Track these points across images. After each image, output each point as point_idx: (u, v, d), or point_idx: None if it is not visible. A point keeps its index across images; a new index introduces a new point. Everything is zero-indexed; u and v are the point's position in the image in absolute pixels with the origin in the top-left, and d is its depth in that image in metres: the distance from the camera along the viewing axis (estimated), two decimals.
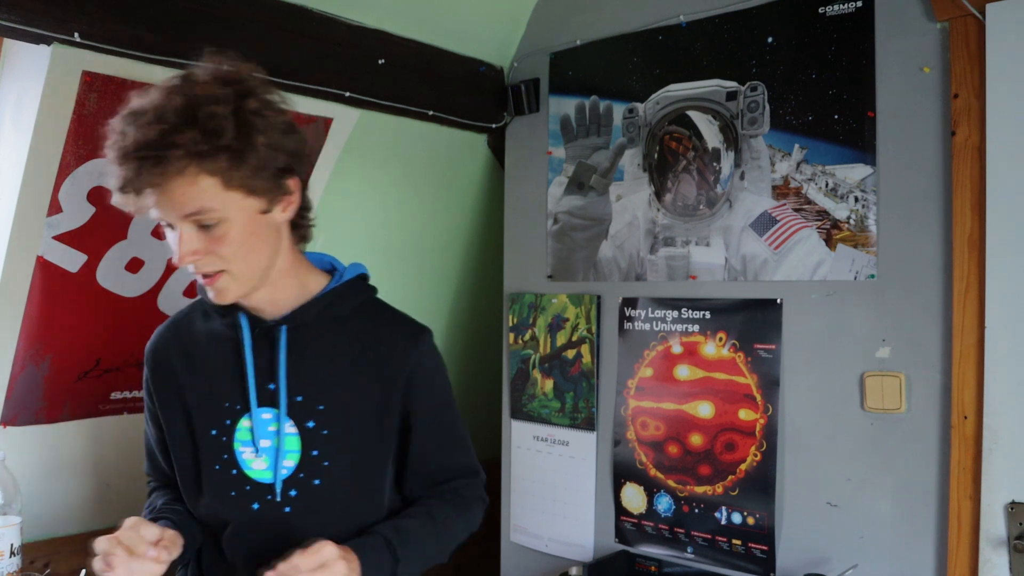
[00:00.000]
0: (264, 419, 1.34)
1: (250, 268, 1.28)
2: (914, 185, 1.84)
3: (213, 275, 1.25)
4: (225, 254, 1.23)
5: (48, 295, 1.86)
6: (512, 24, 2.52)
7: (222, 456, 1.35)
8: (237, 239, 1.23)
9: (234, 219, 1.22)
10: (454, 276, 2.86)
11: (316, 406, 1.34)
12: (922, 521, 1.81)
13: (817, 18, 1.97)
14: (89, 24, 1.67)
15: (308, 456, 1.33)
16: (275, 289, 1.34)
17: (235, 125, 1.18)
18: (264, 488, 1.34)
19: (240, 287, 1.28)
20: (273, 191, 1.26)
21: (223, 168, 1.19)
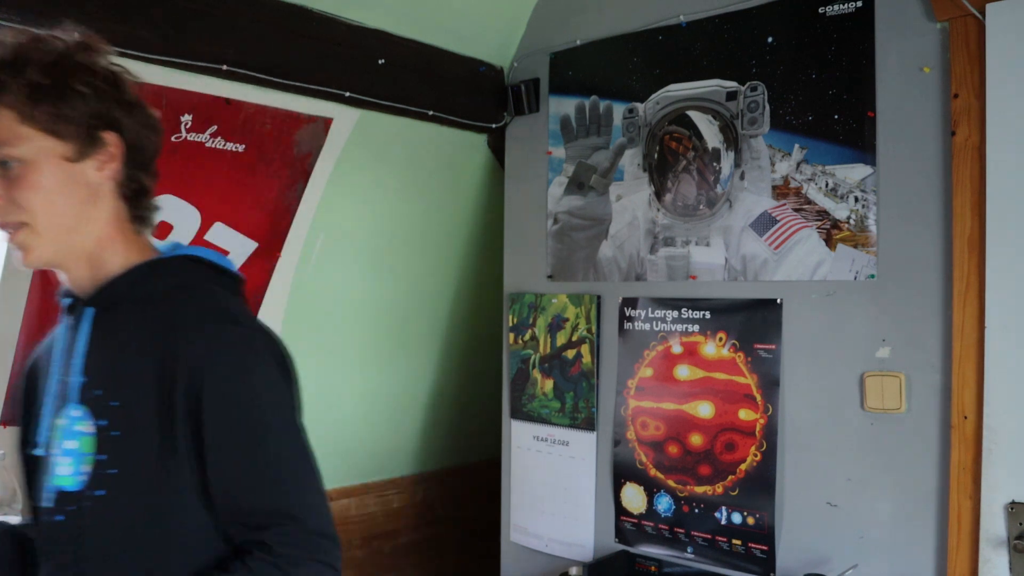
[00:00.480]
0: (74, 416, 1.12)
1: (54, 224, 1.11)
2: (914, 185, 1.84)
3: (15, 229, 1.11)
4: (25, 201, 1.09)
5: (48, 295, 1.86)
6: (512, 24, 2.52)
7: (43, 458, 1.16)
8: (36, 184, 1.10)
9: (33, 161, 1.10)
10: (454, 276, 2.86)
11: (110, 402, 1.11)
12: (922, 521, 1.81)
13: (817, 18, 1.97)
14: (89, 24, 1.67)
15: (99, 462, 1.10)
16: (97, 265, 1.16)
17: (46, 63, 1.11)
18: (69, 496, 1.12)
19: (45, 247, 1.12)
20: (83, 139, 1.12)
21: (20, 100, 1.09)
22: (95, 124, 1.13)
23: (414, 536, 2.93)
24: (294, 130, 2.12)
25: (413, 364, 2.87)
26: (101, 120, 1.13)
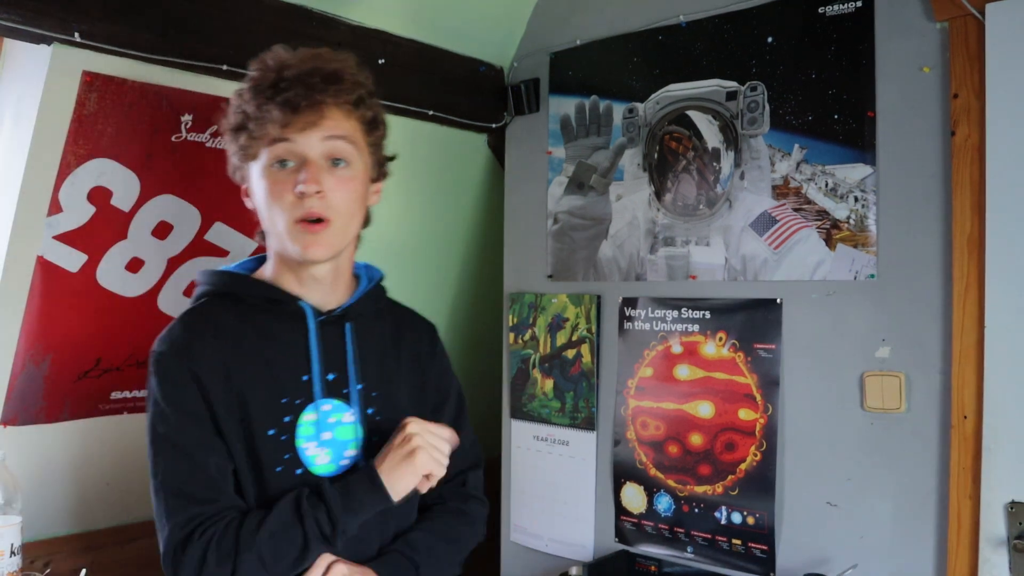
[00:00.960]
0: (325, 411, 1.34)
1: (347, 228, 1.34)
2: (914, 185, 1.85)
3: (320, 222, 1.28)
4: (338, 202, 1.29)
5: (48, 295, 1.86)
6: (512, 24, 2.52)
7: (283, 456, 1.30)
8: (352, 190, 1.32)
9: (356, 170, 1.33)
10: (454, 276, 2.86)
11: (372, 393, 1.38)
12: (922, 521, 1.81)
13: (817, 18, 1.97)
14: (89, 24, 1.67)
15: (370, 442, 1.36)
16: (337, 277, 1.39)
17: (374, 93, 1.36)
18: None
19: (333, 246, 1.32)
20: (378, 169, 1.39)
21: (366, 120, 1.34)
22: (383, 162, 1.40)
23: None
24: None
25: None
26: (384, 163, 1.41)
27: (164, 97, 1.86)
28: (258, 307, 1.35)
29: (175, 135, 1.92)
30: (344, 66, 1.32)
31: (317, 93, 1.26)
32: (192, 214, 2.03)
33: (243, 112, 1.30)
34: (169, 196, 1.97)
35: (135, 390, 2.10)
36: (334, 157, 1.30)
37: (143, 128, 1.86)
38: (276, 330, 1.35)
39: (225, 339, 1.32)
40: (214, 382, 1.29)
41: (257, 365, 1.32)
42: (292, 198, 1.27)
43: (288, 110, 1.25)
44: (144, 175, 1.91)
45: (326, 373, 1.35)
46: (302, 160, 1.28)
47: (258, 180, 1.32)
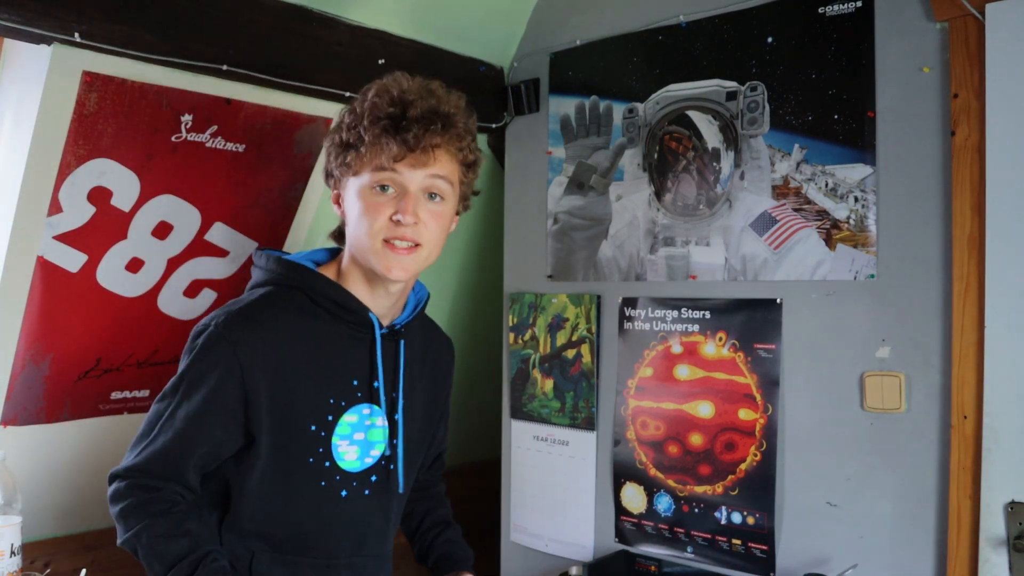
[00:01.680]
0: (364, 414, 1.46)
1: (431, 256, 1.43)
2: (914, 185, 1.85)
3: (410, 248, 1.38)
4: (429, 232, 1.39)
5: (48, 295, 1.86)
6: (512, 24, 2.52)
7: (317, 450, 1.41)
8: (442, 223, 1.42)
9: (448, 205, 1.44)
10: (454, 276, 2.86)
11: (402, 400, 1.51)
12: (922, 521, 1.82)
13: (817, 18, 1.97)
14: (89, 24, 1.67)
15: (391, 444, 1.48)
16: (403, 295, 1.50)
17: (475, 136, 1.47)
18: (351, 476, 1.45)
19: (418, 268, 1.42)
20: (464, 203, 1.51)
21: (466, 162, 1.44)
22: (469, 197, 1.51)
23: None
24: (294, 130, 2.12)
25: None
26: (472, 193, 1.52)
27: (164, 97, 1.86)
28: (324, 307, 1.43)
29: (175, 135, 1.92)
30: (459, 111, 1.42)
31: (434, 136, 1.36)
32: (192, 214, 2.03)
33: (358, 133, 1.38)
34: (169, 196, 1.97)
35: (135, 390, 2.10)
36: (431, 192, 1.40)
37: (143, 128, 1.86)
38: (338, 333, 1.44)
39: (286, 334, 1.40)
40: (261, 377, 1.36)
41: (313, 364, 1.41)
42: (387, 221, 1.37)
43: (405, 148, 1.35)
44: (144, 175, 1.91)
45: (372, 381, 1.46)
46: (403, 190, 1.37)
47: (354, 196, 1.40)
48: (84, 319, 1.95)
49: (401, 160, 1.35)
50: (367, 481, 1.47)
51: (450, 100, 1.41)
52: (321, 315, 1.42)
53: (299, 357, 1.40)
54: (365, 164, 1.37)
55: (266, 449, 1.39)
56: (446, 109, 1.39)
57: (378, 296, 1.45)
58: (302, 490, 1.42)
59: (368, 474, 1.47)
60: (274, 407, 1.38)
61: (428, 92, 1.40)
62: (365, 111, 1.38)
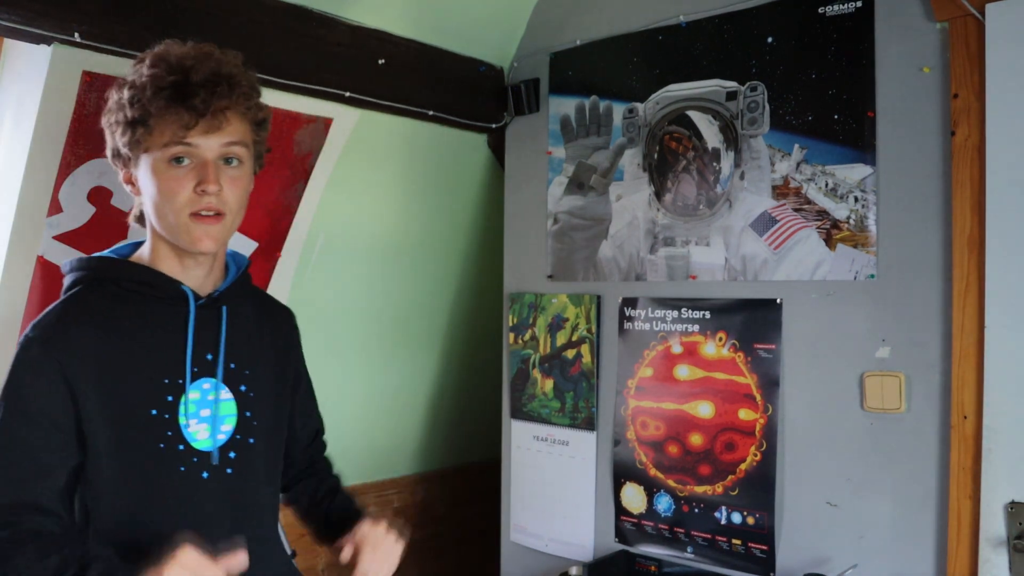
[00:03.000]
0: (204, 389, 1.40)
1: (236, 221, 1.39)
2: (914, 185, 1.85)
3: (215, 216, 1.34)
4: (231, 198, 1.35)
5: (48, 295, 1.86)
6: (512, 24, 2.52)
7: (166, 433, 1.34)
8: (243, 186, 1.38)
9: (246, 168, 1.39)
10: (454, 276, 2.86)
11: (244, 371, 1.45)
12: (922, 521, 1.82)
13: (817, 18, 1.97)
14: (89, 24, 1.67)
15: (243, 417, 1.43)
16: (216, 262, 1.44)
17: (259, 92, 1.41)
18: (207, 456, 1.39)
19: (225, 236, 1.38)
20: (259, 162, 1.45)
21: (256, 120, 1.40)
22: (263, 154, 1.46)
23: (414, 536, 2.90)
24: (294, 130, 2.12)
25: (413, 364, 2.87)
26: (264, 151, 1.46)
27: None
28: (135, 291, 1.38)
29: None
30: (240, 71, 1.37)
31: (222, 99, 1.32)
32: None
33: (142, 107, 1.31)
34: None
35: None
36: (228, 156, 1.36)
37: None
38: (155, 313, 1.38)
39: (100, 326, 1.34)
40: (84, 372, 1.30)
41: (135, 349, 1.35)
42: (190, 194, 1.32)
43: (194, 115, 1.30)
44: None
45: (204, 353, 1.41)
46: (200, 160, 1.33)
47: (148, 173, 1.34)
48: None
49: (193, 127, 1.30)
50: (226, 459, 1.40)
51: (229, 60, 1.36)
52: (134, 299, 1.38)
53: (121, 346, 1.34)
54: (155, 138, 1.31)
55: (109, 445, 1.31)
56: (228, 70, 1.33)
57: (189, 269, 1.40)
58: (160, 478, 1.34)
59: (225, 451, 1.40)
60: (107, 400, 1.31)
61: (206, 55, 1.34)
62: (145, 83, 1.31)
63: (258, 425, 1.45)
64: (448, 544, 3.06)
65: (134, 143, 1.33)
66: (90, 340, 1.32)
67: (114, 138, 1.37)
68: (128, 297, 1.38)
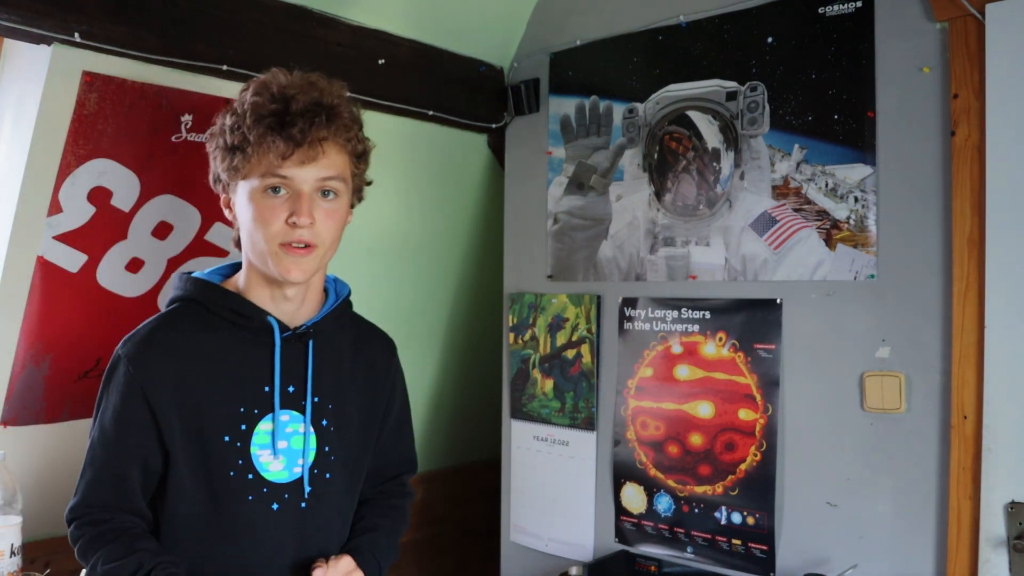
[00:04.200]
0: (283, 421, 1.40)
1: (328, 254, 1.40)
2: (914, 185, 1.85)
3: (306, 248, 1.34)
4: (325, 231, 1.35)
5: (48, 295, 1.86)
6: (512, 24, 2.52)
7: (237, 462, 1.36)
8: (338, 220, 1.39)
9: (343, 201, 1.40)
10: (454, 276, 2.86)
11: (327, 405, 1.44)
12: (922, 521, 1.82)
13: (817, 18, 1.97)
14: (89, 24, 1.67)
15: (322, 452, 1.43)
16: (308, 294, 1.44)
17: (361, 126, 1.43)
18: (281, 488, 1.39)
19: (315, 268, 1.38)
20: (358, 195, 1.47)
21: (355, 153, 1.41)
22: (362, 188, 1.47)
23: (414, 536, 2.92)
24: None
25: (413, 364, 2.86)
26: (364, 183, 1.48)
27: (164, 97, 1.86)
28: (225, 319, 1.40)
29: (175, 135, 1.92)
30: (342, 102, 1.38)
31: (320, 130, 1.32)
32: (192, 214, 2.03)
33: (242, 134, 1.33)
34: (169, 196, 1.97)
35: None
36: (324, 189, 1.36)
37: (143, 128, 1.86)
38: (241, 342, 1.40)
39: (186, 348, 1.38)
40: (164, 393, 1.35)
41: (218, 375, 1.37)
42: (283, 225, 1.33)
43: (291, 144, 1.31)
44: (144, 175, 1.91)
45: (286, 386, 1.40)
46: (295, 191, 1.33)
47: (246, 200, 1.36)
48: (84, 319, 1.94)
49: (289, 157, 1.31)
50: (299, 493, 1.41)
51: (332, 91, 1.37)
52: (222, 326, 1.40)
53: (203, 370, 1.37)
54: (253, 166, 1.33)
55: (185, 466, 1.36)
56: (329, 100, 1.35)
57: (278, 300, 1.41)
58: (229, 506, 1.36)
59: (298, 485, 1.41)
60: (185, 422, 1.35)
61: (310, 85, 1.36)
62: (247, 111, 1.33)
63: (336, 460, 1.45)
64: (448, 544, 3.06)
65: (232, 169, 1.35)
66: (172, 362, 1.36)
67: (215, 163, 1.39)
68: (216, 323, 1.40)
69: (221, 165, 1.37)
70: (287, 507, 1.39)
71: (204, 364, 1.37)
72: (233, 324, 1.40)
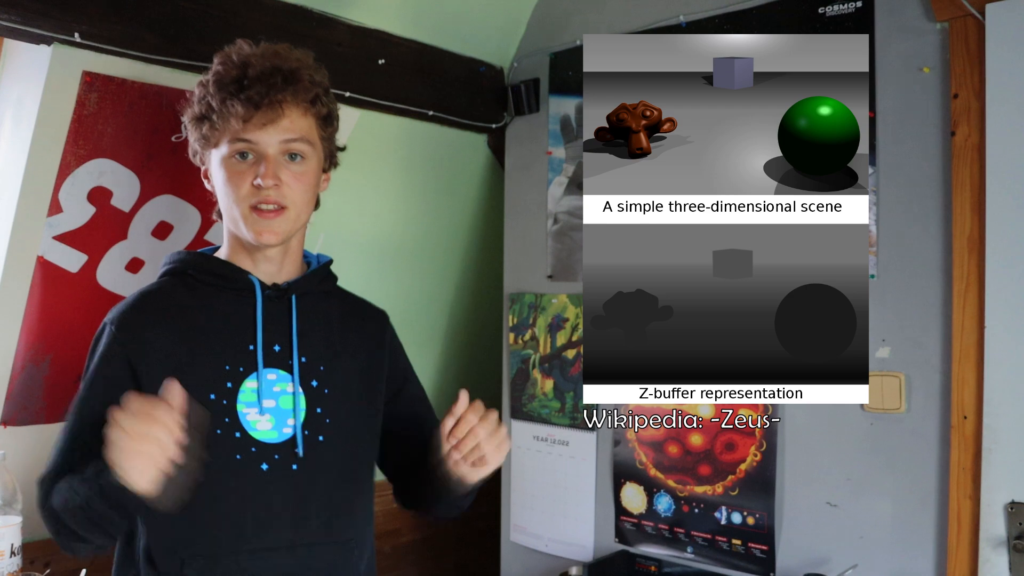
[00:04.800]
0: (269, 379, 1.40)
1: (300, 216, 1.41)
2: (914, 185, 1.84)
3: (276, 210, 1.37)
4: (294, 193, 1.38)
5: (48, 295, 1.86)
6: (512, 24, 2.52)
7: (223, 419, 1.35)
8: (307, 182, 1.40)
9: (311, 164, 1.41)
10: (454, 276, 2.86)
11: (319, 367, 1.44)
12: (922, 521, 1.81)
13: (817, 18, 1.97)
14: (89, 24, 1.67)
15: (313, 414, 1.41)
16: (287, 257, 1.46)
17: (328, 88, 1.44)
18: (270, 448, 1.38)
19: (286, 232, 1.40)
20: (329, 160, 1.48)
21: (322, 116, 1.42)
22: (335, 153, 1.49)
23: (414, 536, 2.93)
24: None
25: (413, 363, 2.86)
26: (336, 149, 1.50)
27: (164, 97, 1.86)
28: (210, 283, 1.43)
29: (175, 135, 1.91)
30: (302, 65, 1.39)
31: (277, 92, 1.35)
32: (192, 214, 2.03)
33: (207, 103, 1.37)
34: (169, 196, 1.97)
35: None
36: (291, 152, 1.39)
37: (143, 128, 1.86)
38: (225, 303, 1.42)
39: (171, 312, 1.40)
40: (148, 356, 1.36)
41: (203, 336, 1.39)
42: (250, 187, 1.36)
43: (250, 107, 1.34)
44: (144, 175, 1.91)
45: (271, 344, 1.41)
46: (261, 155, 1.37)
47: (218, 168, 1.40)
48: (84, 319, 1.94)
49: (249, 120, 1.34)
50: (290, 454, 1.38)
51: (293, 56, 1.40)
52: (208, 290, 1.43)
53: (187, 331, 1.39)
54: (220, 133, 1.37)
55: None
56: (288, 65, 1.37)
57: (259, 263, 1.44)
58: (216, 466, 1.31)
59: (288, 446, 1.38)
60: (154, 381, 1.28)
61: (272, 53, 1.39)
62: (210, 80, 1.38)
63: (331, 424, 1.43)
64: (448, 544, 3.06)
65: (203, 139, 1.40)
66: (159, 327, 1.38)
67: (189, 136, 1.44)
68: (202, 289, 1.43)
69: (194, 135, 1.42)
70: (277, 467, 1.37)
71: (189, 326, 1.39)
72: (217, 288, 1.42)
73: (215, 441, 1.32)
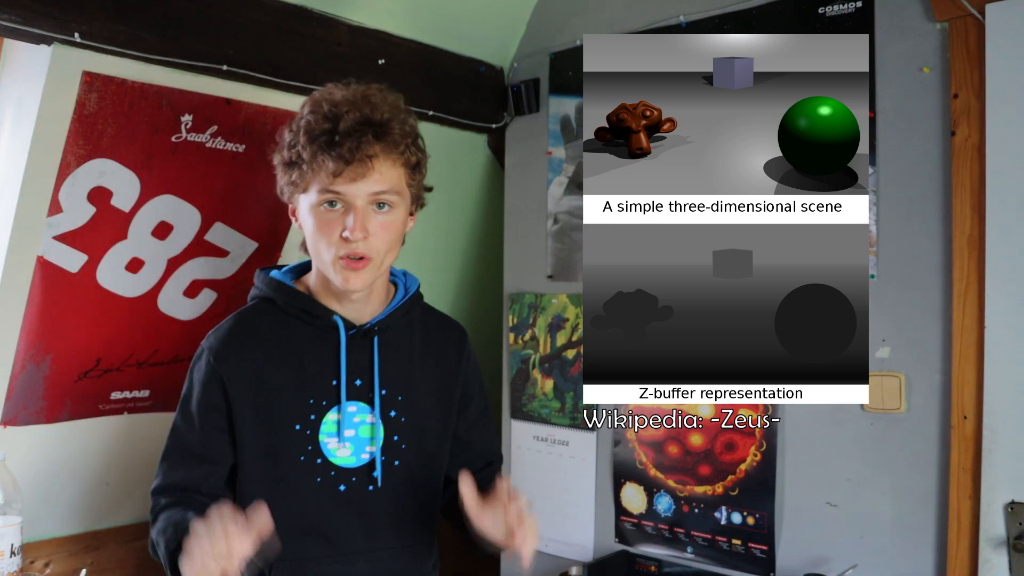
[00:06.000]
0: (350, 411, 1.49)
1: (384, 263, 1.46)
2: (914, 185, 1.85)
3: (361, 260, 1.40)
4: (380, 243, 1.41)
5: (48, 295, 1.86)
6: (512, 24, 2.52)
7: (306, 447, 1.46)
8: (393, 231, 1.44)
9: (398, 212, 1.44)
10: (454, 276, 2.86)
11: (397, 397, 1.52)
12: (922, 521, 1.82)
13: (817, 18, 1.97)
14: (89, 24, 1.67)
15: (390, 441, 1.51)
16: (372, 295, 1.51)
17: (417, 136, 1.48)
18: (348, 472, 1.48)
19: (371, 279, 1.44)
20: (417, 202, 1.51)
21: (410, 165, 1.45)
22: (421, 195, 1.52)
23: None
24: None
25: None
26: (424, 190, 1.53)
27: (164, 97, 1.86)
28: (296, 316, 1.50)
29: (175, 135, 1.92)
30: (393, 115, 1.42)
31: (367, 147, 1.37)
32: (192, 214, 2.03)
33: (297, 152, 1.41)
34: (169, 196, 1.97)
35: (135, 390, 2.10)
36: (379, 202, 1.42)
37: (143, 128, 1.86)
38: (312, 338, 1.49)
39: (264, 342, 1.49)
40: (241, 385, 1.46)
41: (291, 368, 1.48)
42: (339, 239, 1.40)
43: (340, 163, 1.37)
44: (144, 175, 1.91)
45: (353, 379, 1.49)
46: (350, 205, 1.40)
47: (307, 214, 1.44)
48: (84, 319, 1.95)
49: (339, 176, 1.37)
50: (367, 476, 1.50)
51: (384, 106, 1.42)
52: (296, 323, 1.50)
53: (278, 363, 1.48)
54: (310, 181, 1.40)
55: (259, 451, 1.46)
56: (379, 116, 1.39)
57: (344, 302, 1.50)
58: (299, 487, 1.46)
59: (367, 470, 1.50)
60: (259, 411, 1.46)
61: (362, 100, 1.41)
62: (301, 128, 1.41)
63: (407, 449, 1.53)
64: (448, 544, 3.06)
65: (292, 184, 1.44)
66: (251, 357, 1.47)
67: (278, 176, 1.48)
68: (289, 321, 1.50)
69: (283, 179, 1.47)
70: (353, 489, 1.48)
71: (278, 358, 1.48)
72: (304, 323, 1.49)
73: (298, 466, 1.46)
